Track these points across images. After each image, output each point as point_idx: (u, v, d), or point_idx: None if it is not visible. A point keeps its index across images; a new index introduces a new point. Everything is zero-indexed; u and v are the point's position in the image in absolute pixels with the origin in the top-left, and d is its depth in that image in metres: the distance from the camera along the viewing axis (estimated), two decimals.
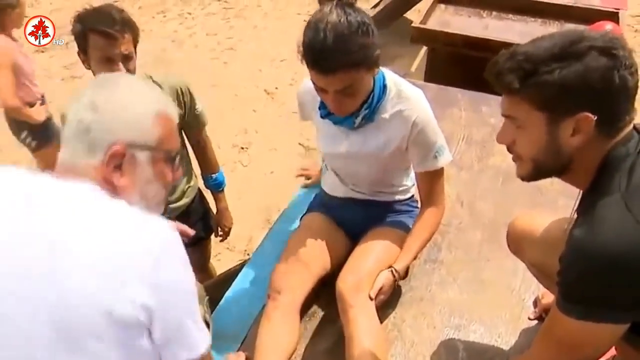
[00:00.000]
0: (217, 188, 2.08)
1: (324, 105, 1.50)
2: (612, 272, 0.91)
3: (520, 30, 3.20)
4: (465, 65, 2.69)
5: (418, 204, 1.74)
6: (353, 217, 1.70)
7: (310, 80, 1.41)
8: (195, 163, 2.03)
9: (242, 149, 3.72)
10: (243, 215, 2.60)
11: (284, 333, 1.47)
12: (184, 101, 1.80)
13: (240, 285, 1.76)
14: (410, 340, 1.54)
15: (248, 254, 2.77)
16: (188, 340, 0.87)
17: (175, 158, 1.01)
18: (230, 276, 1.94)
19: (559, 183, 1.10)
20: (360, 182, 1.67)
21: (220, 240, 2.21)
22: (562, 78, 0.94)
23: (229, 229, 2.16)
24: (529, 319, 1.58)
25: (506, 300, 1.64)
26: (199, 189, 2.06)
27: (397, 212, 1.71)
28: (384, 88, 1.48)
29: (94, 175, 0.89)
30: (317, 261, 1.61)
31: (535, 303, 1.60)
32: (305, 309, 1.58)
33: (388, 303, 1.60)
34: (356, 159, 1.58)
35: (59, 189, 0.86)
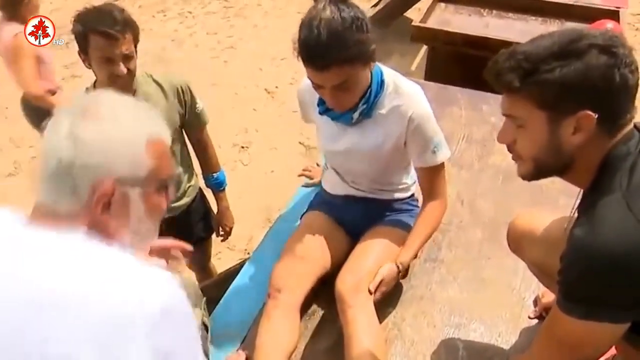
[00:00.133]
0: (218, 187, 2.08)
1: (322, 101, 1.51)
2: (613, 272, 0.91)
3: (520, 29, 3.20)
4: (466, 64, 2.69)
5: (418, 203, 1.74)
6: (353, 216, 1.70)
7: (308, 78, 1.42)
8: (196, 162, 2.03)
9: (243, 148, 3.72)
10: (243, 214, 2.60)
11: (284, 332, 1.47)
12: (185, 100, 1.81)
13: (241, 284, 1.76)
14: (410, 339, 1.54)
15: (248, 253, 2.77)
16: None
17: (170, 184, 0.90)
18: (230, 275, 1.95)
19: (559, 182, 1.09)
20: (360, 180, 1.67)
21: (222, 240, 2.21)
22: (563, 76, 0.94)
23: (230, 228, 2.16)
24: (529, 318, 1.58)
25: (506, 299, 1.64)
26: (200, 188, 2.06)
27: (398, 211, 1.71)
28: (381, 83, 1.49)
29: (79, 220, 0.79)
30: (318, 260, 1.61)
31: (536, 302, 1.60)
32: (306, 308, 1.58)
33: (388, 302, 1.60)
34: (355, 156, 1.58)
35: (44, 243, 0.76)
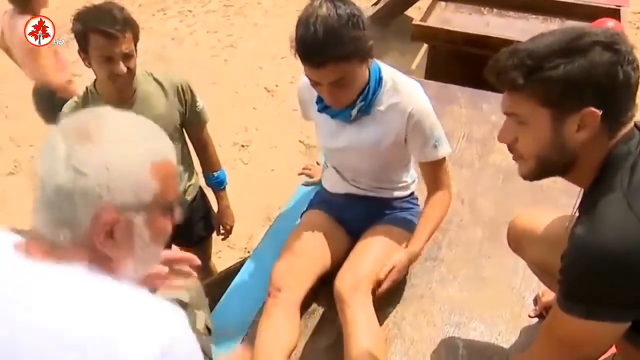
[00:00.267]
0: (219, 186, 2.08)
1: (320, 99, 1.51)
2: (614, 271, 0.91)
3: (521, 28, 3.20)
4: (466, 62, 2.69)
5: (419, 201, 1.74)
6: (353, 214, 1.70)
7: (305, 75, 1.42)
8: (197, 161, 2.03)
9: (243, 146, 3.71)
10: (243, 212, 2.59)
11: (284, 330, 1.47)
12: (185, 99, 1.80)
13: (241, 283, 1.76)
14: (410, 338, 1.54)
15: (248, 252, 2.77)
16: None
17: (176, 206, 0.85)
18: (230, 274, 1.95)
19: (560, 181, 1.09)
20: (360, 178, 1.67)
21: (222, 239, 2.21)
22: (567, 73, 0.94)
23: (231, 227, 2.16)
24: (530, 317, 1.58)
25: (506, 298, 1.64)
26: (200, 187, 2.06)
27: (398, 209, 1.71)
28: (379, 80, 1.49)
29: (79, 253, 0.75)
30: (318, 259, 1.61)
31: (536, 301, 1.60)
32: (306, 307, 1.58)
33: (388, 301, 1.60)
34: (354, 153, 1.58)
35: (41, 278, 0.73)
